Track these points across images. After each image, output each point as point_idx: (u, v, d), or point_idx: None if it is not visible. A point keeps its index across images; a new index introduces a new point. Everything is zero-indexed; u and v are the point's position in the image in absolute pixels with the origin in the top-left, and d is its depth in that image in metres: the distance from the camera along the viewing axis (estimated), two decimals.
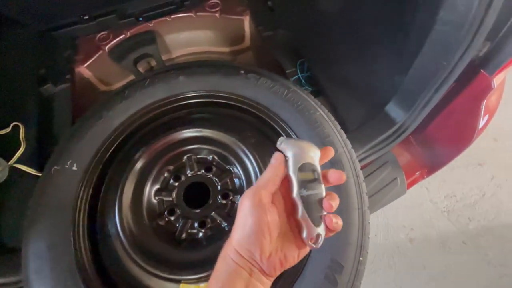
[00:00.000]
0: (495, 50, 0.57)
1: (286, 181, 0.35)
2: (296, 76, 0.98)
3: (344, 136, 0.61)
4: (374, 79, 0.86)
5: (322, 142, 0.59)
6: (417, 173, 0.80)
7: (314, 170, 0.34)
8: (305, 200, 0.33)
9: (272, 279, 0.34)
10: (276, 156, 0.36)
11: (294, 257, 0.34)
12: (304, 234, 0.33)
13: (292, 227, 0.35)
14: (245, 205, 0.34)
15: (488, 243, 1.34)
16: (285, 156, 0.35)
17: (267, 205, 0.33)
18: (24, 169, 0.78)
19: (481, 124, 0.65)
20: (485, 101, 0.63)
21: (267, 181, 0.34)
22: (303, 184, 0.33)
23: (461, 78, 0.62)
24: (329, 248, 0.50)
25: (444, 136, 0.76)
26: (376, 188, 0.78)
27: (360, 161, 0.76)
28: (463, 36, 0.52)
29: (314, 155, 0.35)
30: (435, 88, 0.63)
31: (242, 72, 0.66)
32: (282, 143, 0.36)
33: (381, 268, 1.32)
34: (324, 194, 0.34)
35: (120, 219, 0.53)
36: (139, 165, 0.58)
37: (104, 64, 1.12)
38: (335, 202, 0.34)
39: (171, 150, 0.61)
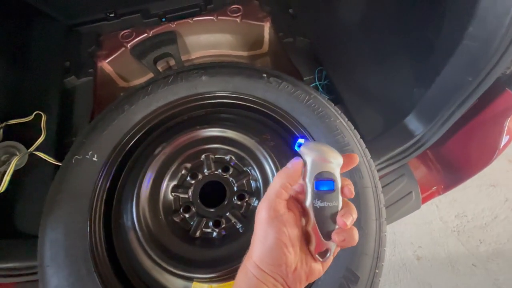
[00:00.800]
0: None
1: (303, 186, 0.33)
2: (314, 83, 0.99)
3: (364, 145, 0.61)
4: (393, 90, 0.85)
5: (342, 150, 0.59)
6: (433, 188, 0.79)
7: (332, 180, 0.31)
8: (318, 211, 0.31)
9: None
10: (294, 162, 0.33)
11: (319, 269, 0.33)
12: (312, 247, 0.32)
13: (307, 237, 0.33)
14: (262, 218, 0.32)
15: (499, 267, 1.30)
16: (303, 160, 0.33)
17: (284, 216, 0.32)
18: (43, 157, 0.79)
19: (502, 143, 0.64)
20: (508, 120, 0.62)
21: (280, 188, 0.32)
22: (318, 195, 0.31)
23: (486, 95, 0.62)
24: (345, 257, 0.49)
25: (463, 153, 0.74)
26: (390, 201, 0.76)
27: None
28: (491, 53, 0.52)
29: (335, 163, 0.32)
30: (458, 103, 0.62)
31: (265, 75, 0.67)
32: (301, 146, 0.33)
33: (386, 284, 1.29)
34: (340, 207, 0.32)
35: (137, 212, 0.54)
36: (158, 160, 0.59)
37: (125, 60, 1.15)
38: (350, 218, 0.31)
39: (190, 147, 0.62)
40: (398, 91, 0.86)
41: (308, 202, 0.32)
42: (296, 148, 0.34)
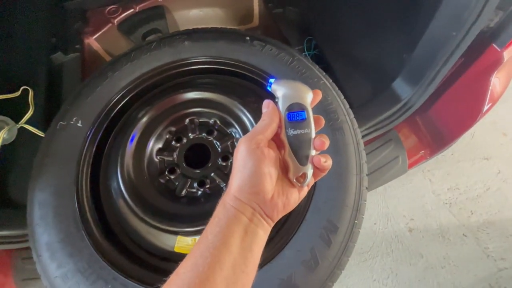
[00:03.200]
0: (506, 21, 0.56)
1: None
2: (304, 54, 0.98)
3: (347, 105, 0.61)
4: (382, 56, 0.85)
5: (325, 109, 0.59)
6: (420, 152, 0.79)
7: (303, 110, 0.33)
8: (292, 139, 0.33)
9: (272, 223, 0.33)
10: (267, 103, 0.34)
11: (295, 199, 0.34)
12: (291, 174, 0.33)
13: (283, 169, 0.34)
14: (242, 150, 0.33)
15: (489, 236, 1.33)
16: (275, 98, 0.34)
17: (265, 150, 0.32)
18: (32, 130, 0.80)
19: (487, 100, 0.64)
20: (494, 75, 0.62)
21: (264, 127, 0.33)
22: (291, 124, 0.33)
23: (470, 52, 0.61)
24: (326, 209, 0.50)
25: (450, 114, 0.74)
26: (377, 165, 0.77)
27: (363, 137, 0.76)
28: (474, 3, 0.51)
29: (306, 96, 0.34)
30: (444, 60, 0.61)
31: (248, 39, 0.66)
32: (272, 84, 0.35)
33: (378, 255, 1.33)
34: (313, 134, 0.33)
35: (122, 174, 0.55)
36: (142, 124, 0.59)
37: (113, 37, 1.13)
38: (326, 142, 0.33)
39: (174, 111, 0.62)
40: (386, 57, 0.85)
41: (282, 133, 0.33)
42: (268, 88, 0.35)
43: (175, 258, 0.48)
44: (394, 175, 0.78)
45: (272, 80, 0.35)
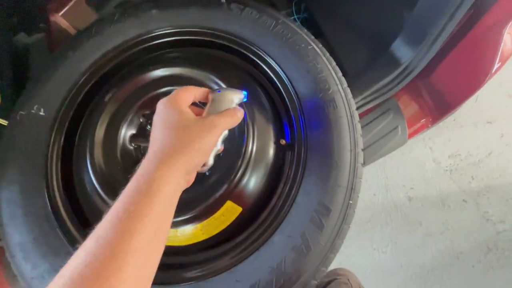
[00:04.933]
0: None
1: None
2: (292, 17, 0.88)
3: (340, 73, 0.54)
4: (379, 15, 0.75)
5: (315, 79, 0.52)
6: (421, 121, 0.73)
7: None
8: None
9: None
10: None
11: None
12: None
13: None
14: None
15: (490, 201, 1.32)
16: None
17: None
18: (3, 123, 0.74)
19: (498, 56, 0.57)
20: (506, 29, 0.54)
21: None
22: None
23: (480, 3, 0.52)
24: (317, 191, 0.46)
25: (455, 76, 0.67)
26: (374, 138, 0.72)
27: (360, 107, 0.70)
28: None
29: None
30: (450, 14, 0.53)
31: (223, 1, 0.57)
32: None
33: (378, 225, 1.33)
34: None
35: (92, 165, 0.50)
36: (110, 108, 0.53)
37: (82, 12, 1.01)
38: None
39: (146, 92, 0.55)
40: (384, 16, 0.75)
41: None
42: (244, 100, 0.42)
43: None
44: (393, 147, 0.73)
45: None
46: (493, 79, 0.69)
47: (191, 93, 0.38)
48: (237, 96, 0.40)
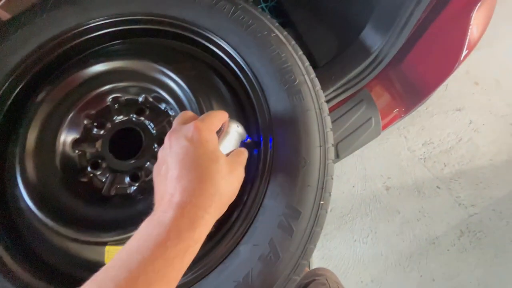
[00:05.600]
0: None
1: None
2: (260, 6, 0.82)
3: (307, 62, 0.49)
4: (349, 3, 0.72)
5: (280, 69, 0.47)
6: (394, 111, 0.72)
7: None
8: None
9: None
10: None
11: None
12: None
13: None
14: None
15: (461, 185, 1.36)
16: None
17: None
18: None
19: (466, 42, 0.55)
20: (473, 14, 0.52)
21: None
22: None
23: None
24: (284, 193, 0.42)
25: (425, 64, 0.66)
26: (348, 131, 0.69)
27: (332, 99, 0.66)
28: None
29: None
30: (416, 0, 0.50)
31: None
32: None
33: (358, 216, 1.33)
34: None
35: (22, 177, 0.42)
36: (44, 110, 0.45)
37: (24, 2, 0.90)
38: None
39: (88, 90, 0.48)
40: (353, 3, 0.72)
41: None
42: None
43: None
44: (367, 139, 0.71)
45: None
46: (460, 67, 0.69)
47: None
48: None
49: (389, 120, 0.75)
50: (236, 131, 0.38)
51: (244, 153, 0.37)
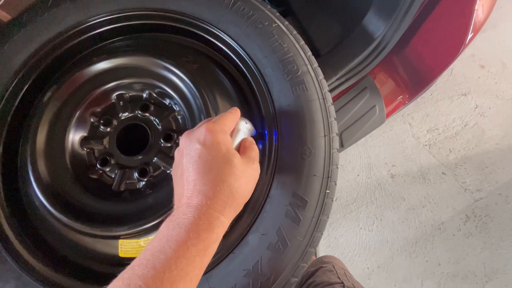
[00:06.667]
0: None
1: None
2: None
3: (309, 52, 0.49)
4: None
5: (281, 60, 0.47)
6: (399, 98, 0.71)
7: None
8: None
9: None
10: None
11: None
12: None
13: None
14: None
15: (467, 171, 1.36)
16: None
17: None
18: None
19: (471, 27, 0.54)
20: None
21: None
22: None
23: None
24: (291, 183, 0.42)
25: (429, 49, 0.65)
26: (352, 119, 0.69)
27: (335, 88, 0.66)
28: None
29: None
30: None
31: None
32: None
33: (363, 204, 1.34)
34: None
35: (35, 176, 0.43)
36: (51, 109, 0.46)
37: (23, 2, 0.89)
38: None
39: (93, 88, 0.48)
40: None
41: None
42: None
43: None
44: (372, 127, 0.70)
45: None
46: (465, 50, 0.68)
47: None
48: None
49: (393, 107, 0.74)
50: (246, 127, 0.39)
51: (255, 148, 0.37)
